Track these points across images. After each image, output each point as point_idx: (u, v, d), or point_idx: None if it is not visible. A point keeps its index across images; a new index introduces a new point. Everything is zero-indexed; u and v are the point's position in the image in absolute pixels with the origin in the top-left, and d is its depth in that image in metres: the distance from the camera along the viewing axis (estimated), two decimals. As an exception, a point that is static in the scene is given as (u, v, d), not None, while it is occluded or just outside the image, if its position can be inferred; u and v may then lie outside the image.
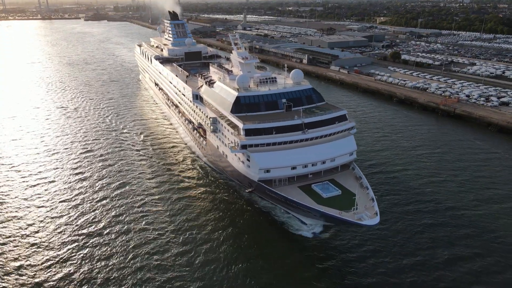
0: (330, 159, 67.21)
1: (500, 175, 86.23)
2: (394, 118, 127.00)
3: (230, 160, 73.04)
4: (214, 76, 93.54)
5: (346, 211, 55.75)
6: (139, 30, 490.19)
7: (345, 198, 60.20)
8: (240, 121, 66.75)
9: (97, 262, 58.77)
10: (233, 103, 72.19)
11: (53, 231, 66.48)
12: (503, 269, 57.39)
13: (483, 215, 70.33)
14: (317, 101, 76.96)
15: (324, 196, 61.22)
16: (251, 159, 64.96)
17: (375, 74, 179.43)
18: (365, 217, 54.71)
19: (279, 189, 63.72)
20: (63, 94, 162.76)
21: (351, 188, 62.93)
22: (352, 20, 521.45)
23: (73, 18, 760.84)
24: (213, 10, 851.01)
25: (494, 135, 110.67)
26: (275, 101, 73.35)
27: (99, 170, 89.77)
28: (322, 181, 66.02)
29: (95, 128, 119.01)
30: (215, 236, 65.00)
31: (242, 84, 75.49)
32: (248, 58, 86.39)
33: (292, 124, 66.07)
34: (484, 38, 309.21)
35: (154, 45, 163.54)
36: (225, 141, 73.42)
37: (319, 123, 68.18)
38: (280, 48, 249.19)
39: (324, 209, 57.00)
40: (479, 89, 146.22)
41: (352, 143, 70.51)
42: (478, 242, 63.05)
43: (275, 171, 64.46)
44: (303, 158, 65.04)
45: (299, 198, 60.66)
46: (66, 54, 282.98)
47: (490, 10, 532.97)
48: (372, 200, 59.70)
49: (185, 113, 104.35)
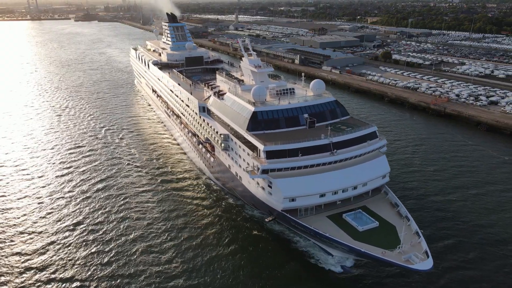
0: (362, 184, 59.64)
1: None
2: (386, 118, 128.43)
3: (245, 184, 65.20)
4: (223, 85, 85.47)
5: (390, 250, 48.21)
6: (130, 30, 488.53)
7: (384, 231, 53.02)
8: (259, 142, 58.59)
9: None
10: (249, 120, 63.80)
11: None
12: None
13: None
14: (342, 115, 69.91)
15: (360, 230, 53.21)
16: (273, 186, 57.08)
17: (366, 74, 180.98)
18: (415, 258, 46.72)
19: (305, 220, 56.04)
20: (54, 98, 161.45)
21: (389, 218, 55.81)
22: (343, 20, 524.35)
23: (63, 19, 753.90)
24: (204, 10, 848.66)
25: (485, 134, 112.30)
26: (296, 116, 65.60)
27: (97, 187, 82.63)
28: (353, 209, 58.22)
29: (89, 139, 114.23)
30: (225, 265, 58.30)
31: (259, 97, 66.96)
32: (261, 66, 77.47)
33: (319, 144, 58.35)
34: (473, 37, 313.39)
35: (151, 49, 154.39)
36: (240, 162, 65.94)
37: (349, 142, 60.56)
38: (272, 48, 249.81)
39: (365, 247, 49.19)
40: (468, 88, 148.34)
41: (385, 164, 63.03)
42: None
43: (301, 199, 56.52)
44: (333, 184, 57.30)
45: (331, 232, 52.75)
46: (57, 55, 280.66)
47: (479, 9, 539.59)
48: (417, 234, 51.93)
49: (189, 126, 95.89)
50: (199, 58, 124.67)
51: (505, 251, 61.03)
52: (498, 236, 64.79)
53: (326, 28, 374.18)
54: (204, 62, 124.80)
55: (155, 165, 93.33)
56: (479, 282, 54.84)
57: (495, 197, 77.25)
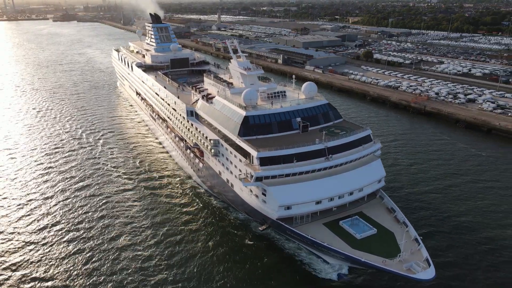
0: (358, 189, 58.59)
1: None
2: (370, 117, 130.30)
3: (237, 191, 63.30)
4: (211, 88, 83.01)
5: (391, 258, 47.16)
6: (111, 30, 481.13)
7: (382, 239, 51.94)
8: (252, 148, 56.55)
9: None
10: (241, 124, 61.76)
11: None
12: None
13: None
14: (335, 118, 68.46)
15: (358, 237, 52.05)
16: (267, 194, 55.27)
17: (348, 74, 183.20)
18: (416, 267, 45.74)
19: (301, 228, 54.56)
20: (32, 100, 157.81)
21: (386, 224, 54.93)
22: (325, 20, 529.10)
23: (41, 19, 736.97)
24: (186, 10, 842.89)
25: (464, 132, 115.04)
26: (289, 120, 63.81)
27: (76, 191, 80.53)
28: (350, 215, 57.08)
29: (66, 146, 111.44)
30: (216, 273, 56.59)
31: (250, 101, 64.79)
32: (251, 68, 75.27)
33: (314, 149, 56.77)
34: (451, 37, 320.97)
35: (134, 51, 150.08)
36: (231, 168, 63.98)
37: (344, 147, 59.19)
38: (255, 48, 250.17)
39: (364, 256, 47.96)
40: (447, 86, 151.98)
41: (380, 168, 62.08)
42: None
43: (297, 207, 54.95)
44: (329, 190, 55.98)
45: (329, 241, 51.41)
46: (35, 56, 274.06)
47: (456, 9, 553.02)
48: (416, 241, 50.69)
49: (176, 129, 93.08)
50: (185, 59, 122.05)
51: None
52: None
53: (309, 28, 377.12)
54: (189, 64, 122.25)
55: (139, 168, 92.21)
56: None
57: (475, 191, 79.26)
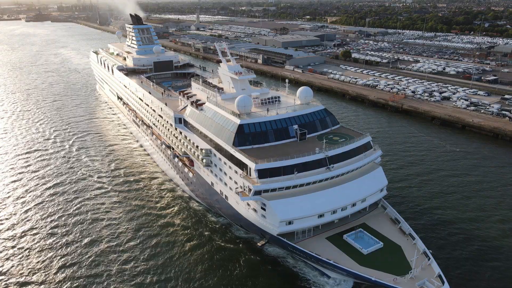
0: (361, 200, 55.86)
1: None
2: (347, 115, 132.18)
3: (233, 204, 59.20)
4: (200, 94, 78.57)
5: (401, 276, 44.52)
6: (87, 31, 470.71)
7: (390, 253, 48.91)
8: (249, 159, 52.73)
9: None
10: (235, 133, 57.91)
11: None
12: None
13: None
14: (332, 124, 65.51)
15: (364, 252, 49.07)
16: (267, 208, 51.61)
17: (328, 73, 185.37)
18: (429, 285, 43.31)
19: (303, 244, 51.30)
20: (4, 102, 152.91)
21: (392, 237, 51.90)
22: (304, 20, 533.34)
23: (12, 19, 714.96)
24: (164, 10, 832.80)
25: (439, 128, 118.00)
26: (286, 128, 60.32)
27: (54, 199, 78.00)
28: (353, 227, 54.10)
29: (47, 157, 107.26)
30: (193, 273, 55.05)
31: (244, 108, 60.89)
32: (242, 73, 71.90)
33: (315, 159, 53.47)
34: (426, 36, 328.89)
35: (114, 53, 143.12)
36: (225, 180, 60.06)
37: (345, 155, 56.21)
38: (235, 48, 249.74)
39: (373, 274, 44.92)
40: (423, 85, 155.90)
41: (382, 177, 59.29)
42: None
43: (299, 221, 51.83)
44: (332, 202, 52.89)
45: (334, 257, 48.20)
46: (7, 58, 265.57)
47: (430, 9, 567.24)
48: (425, 255, 48.08)
49: (162, 137, 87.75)
50: (169, 62, 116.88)
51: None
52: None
53: (288, 28, 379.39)
54: (174, 67, 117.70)
55: (116, 171, 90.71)
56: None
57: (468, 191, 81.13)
